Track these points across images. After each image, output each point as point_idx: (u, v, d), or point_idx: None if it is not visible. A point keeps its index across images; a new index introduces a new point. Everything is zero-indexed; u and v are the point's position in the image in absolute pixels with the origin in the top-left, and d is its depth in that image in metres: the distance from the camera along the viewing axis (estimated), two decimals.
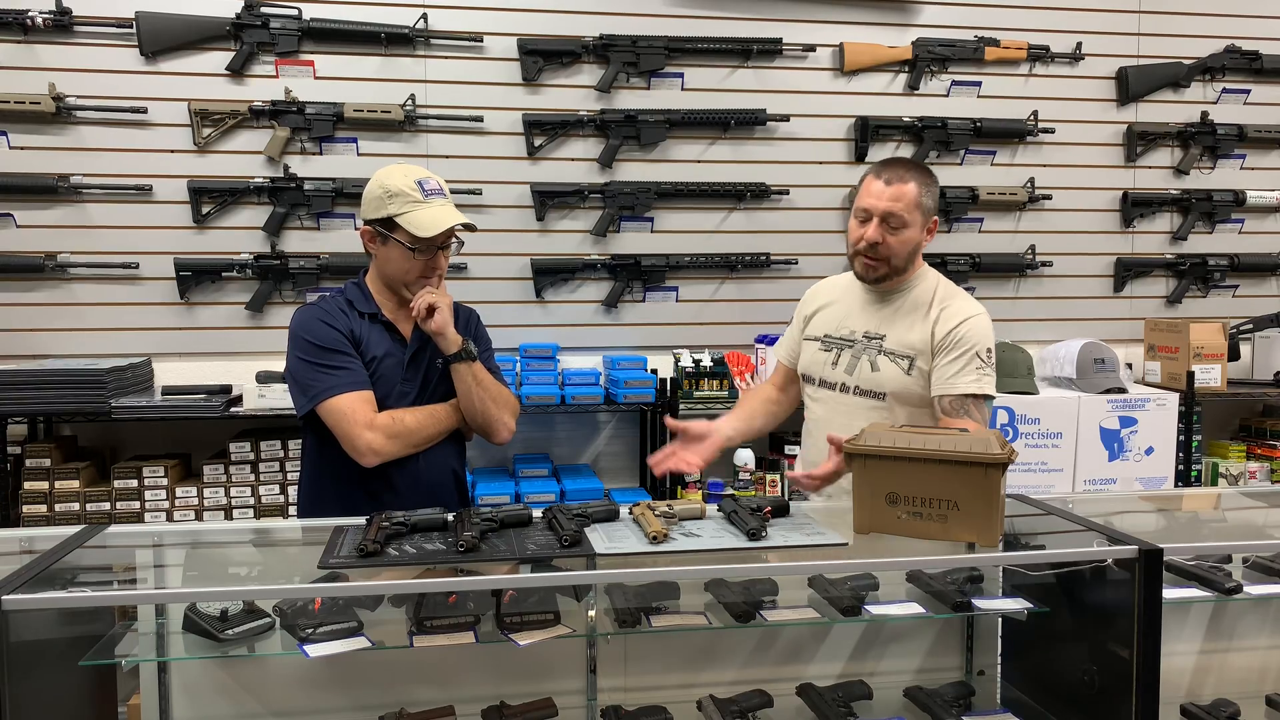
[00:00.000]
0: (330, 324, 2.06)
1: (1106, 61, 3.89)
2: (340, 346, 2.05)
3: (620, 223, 3.60)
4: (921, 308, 2.20)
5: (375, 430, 2.00)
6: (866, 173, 2.22)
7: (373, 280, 2.16)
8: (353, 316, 2.10)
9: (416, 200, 2.04)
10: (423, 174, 2.08)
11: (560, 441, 3.66)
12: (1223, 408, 3.97)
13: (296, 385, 2.07)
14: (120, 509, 3.10)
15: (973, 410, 2.09)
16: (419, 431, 2.07)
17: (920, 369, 2.16)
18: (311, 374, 2.04)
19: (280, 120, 3.35)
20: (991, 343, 2.15)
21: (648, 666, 1.89)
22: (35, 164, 3.24)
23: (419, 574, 1.59)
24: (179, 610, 1.63)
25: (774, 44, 3.62)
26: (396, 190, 2.03)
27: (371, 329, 2.11)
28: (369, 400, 2.04)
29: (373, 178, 2.09)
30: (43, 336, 3.30)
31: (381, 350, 2.10)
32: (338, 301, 2.13)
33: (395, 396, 2.09)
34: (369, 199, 2.07)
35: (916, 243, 2.18)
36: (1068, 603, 1.79)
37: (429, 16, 3.41)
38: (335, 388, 2.02)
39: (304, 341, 2.05)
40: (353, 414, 2.00)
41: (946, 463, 1.65)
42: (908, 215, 2.13)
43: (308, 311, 2.10)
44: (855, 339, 2.24)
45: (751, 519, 1.71)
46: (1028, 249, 3.83)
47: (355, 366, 2.05)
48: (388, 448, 2.02)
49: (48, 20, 3.18)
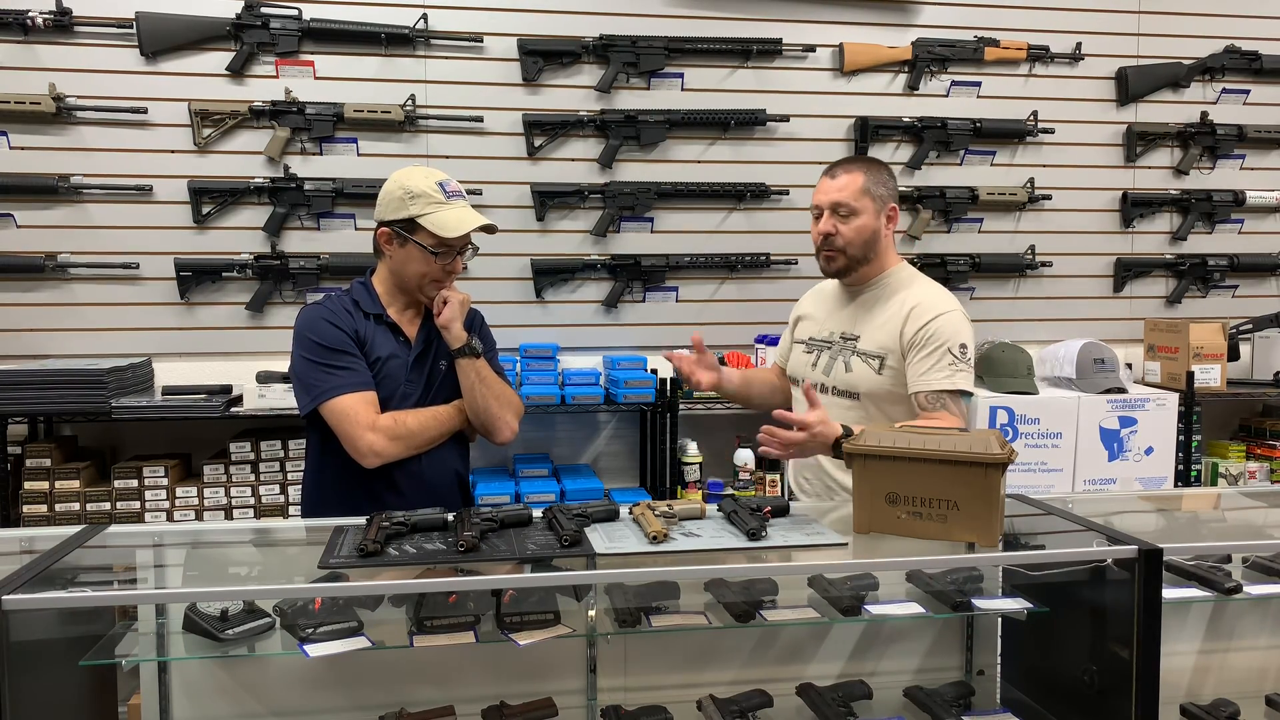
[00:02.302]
0: (335, 324, 2.06)
1: (1106, 61, 3.89)
2: (344, 346, 2.05)
3: (620, 223, 3.60)
4: (892, 305, 2.23)
5: (377, 432, 2.01)
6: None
7: (381, 281, 2.16)
8: (358, 317, 2.10)
9: (440, 201, 2.04)
10: (442, 176, 2.09)
11: (560, 441, 3.66)
12: (1222, 408, 3.97)
13: (300, 384, 2.08)
14: (120, 509, 3.10)
15: (949, 405, 2.11)
16: (421, 433, 2.07)
17: (891, 368, 2.19)
18: (315, 374, 2.04)
19: (280, 120, 3.35)
20: (966, 338, 2.16)
21: (648, 666, 1.89)
22: (35, 164, 3.24)
23: (419, 574, 1.59)
24: (179, 610, 1.63)
25: (774, 44, 3.62)
26: (419, 191, 2.04)
27: (377, 330, 2.11)
28: (372, 401, 2.04)
29: (391, 179, 2.09)
30: (43, 336, 3.30)
31: (386, 351, 2.10)
32: (343, 301, 2.13)
33: (399, 398, 2.09)
34: (388, 200, 2.07)
35: (873, 230, 2.23)
36: (1068, 603, 1.79)
37: (429, 17, 3.41)
38: (338, 388, 2.02)
39: (309, 341, 2.05)
40: (355, 415, 2.00)
41: (946, 463, 1.65)
42: (855, 202, 2.20)
43: (313, 310, 2.11)
44: (833, 340, 2.30)
45: (751, 519, 1.72)
46: (1027, 249, 3.83)
47: (359, 367, 2.05)
48: (390, 449, 2.02)
49: (48, 20, 3.18)
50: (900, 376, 2.18)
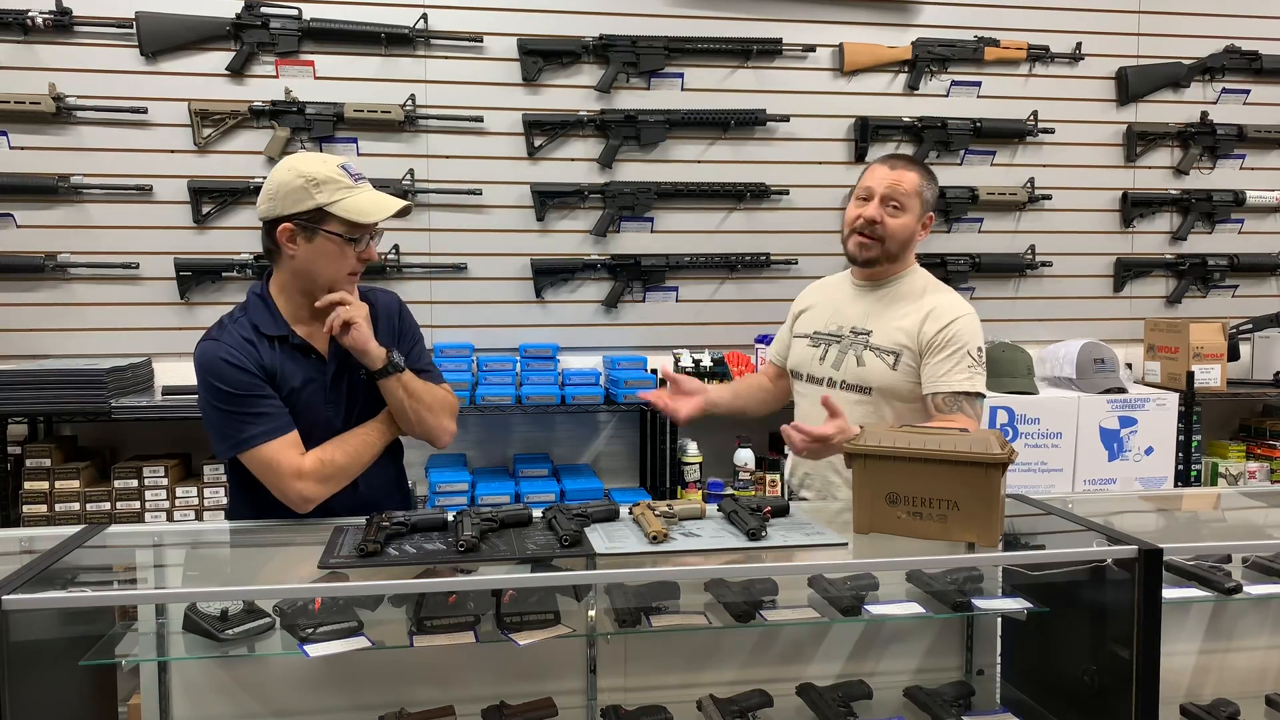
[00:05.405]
0: (238, 365, 1.84)
1: (1106, 61, 3.89)
2: (253, 390, 1.84)
3: (620, 223, 3.60)
4: (910, 302, 2.23)
5: (304, 479, 1.84)
6: (870, 164, 2.30)
7: (282, 289, 1.92)
8: (262, 346, 1.88)
9: (348, 186, 1.84)
10: (342, 159, 1.90)
11: (560, 441, 3.66)
12: (1222, 408, 3.97)
13: (214, 431, 1.88)
14: (120, 509, 3.10)
15: (966, 407, 2.11)
16: (352, 466, 1.91)
17: (906, 365, 2.18)
18: (227, 423, 1.85)
19: (280, 120, 3.35)
20: (981, 341, 2.18)
21: (648, 666, 1.89)
22: (35, 164, 3.24)
23: (419, 574, 1.59)
24: (179, 610, 1.63)
25: (774, 44, 3.62)
26: (324, 177, 1.82)
27: (285, 356, 1.90)
28: (294, 443, 1.86)
29: (280, 168, 1.85)
30: (43, 336, 3.30)
31: (299, 379, 1.90)
32: (242, 328, 1.89)
33: (321, 426, 1.91)
34: (284, 192, 1.82)
35: (912, 232, 2.24)
36: (1067, 602, 1.79)
37: (429, 17, 3.41)
38: (254, 438, 1.83)
39: (214, 388, 1.84)
40: (278, 465, 1.83)
41: (946, 463, 1.65)
42: (907, 200, 2.20)
43: (211, 349, 1.86)
44: (843, 334, 2.28)
45: (751, 519, 1.71)
46: (1028, 249, 3.83)
47: (273, 409, 1.86)
48: (320, 491, 1.86)
49: (48, 20, 3.18)
50: (913, 374, 2.17)
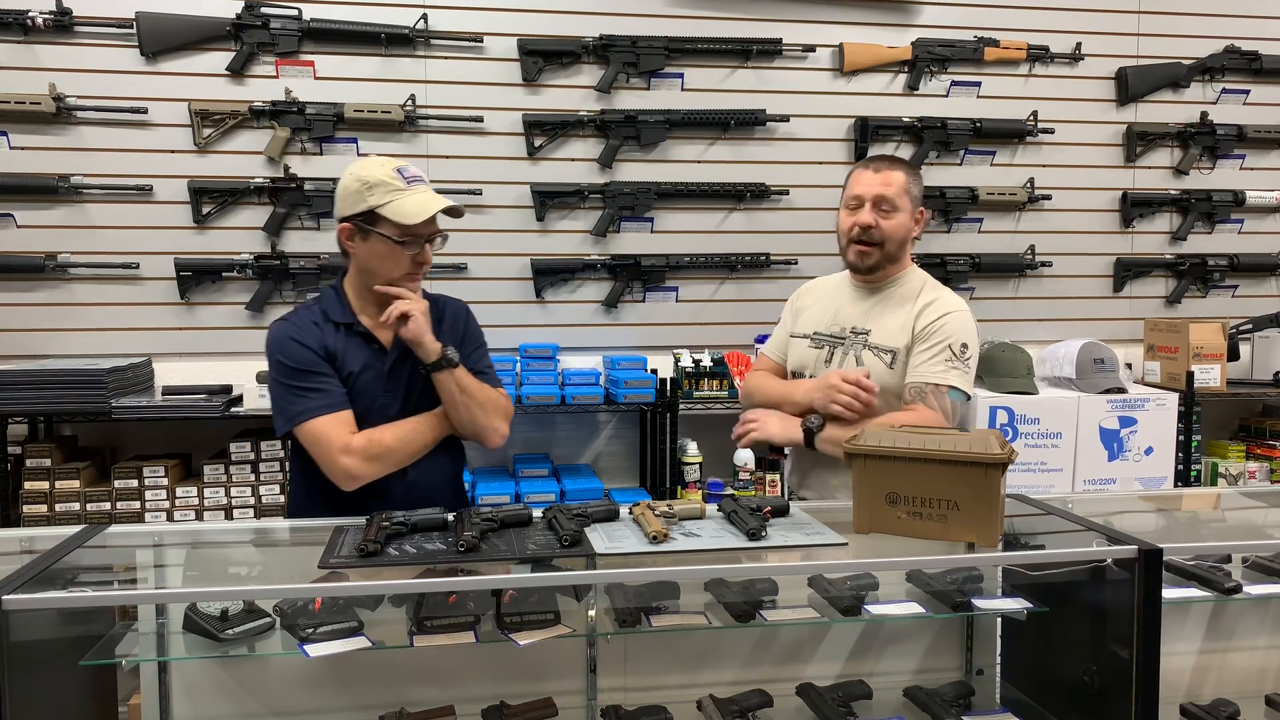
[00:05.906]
0: (303, 342, 1.96)
1: (1106, 62, 3.89)
2: (314, 366, 1.95)
3: (620, 223, 3.60)
4: (907, 302, 2.24)
5: (351, 455, 1.91)
6: (853, 169, 2.31)
7: (351, 284, 2.05)
8: (327, 330, 2.00)
9: (399, 189, 1.93)
10: (400, 161, 1.98)
11: (560, 441, 3.66)
12: (1222, 408, 3.97)
13: (275, 406, 1.99)
14: (120, 509, 3.10)
15: (929, 397, 2.11)
16: (400, 449, 1.97)
17: (903, 363, 2.20)
18: (286, 396, 1.96)
19: (280, 120, 3.35)
20: (969, 338, 2.18)
21: (648, 666, 1.90)
22: (35, 164, 3.24)
23: (419, 574, 1.59)
24: (179, 610, 1.63)
25: (774, 44, 3.62)
26: (376, 180, 1.93)
27: (348, 341, 2.01)
28: (346, 421, 1.94)
29: (346, 172, 1.99)
30: (43, 336, 3.30)
31: (359, 364, 2.00)
32: (312, 314, 2.03)
33: (377, 411, 1.99)
34: (345, 194, 1.97)
35: (907, 229, 2.25)
36: (1067, 602, 1.79)
37: (429, 17, 3.41)
38: (309, 411, 1.93)
39: (278, 362, 1.96)
40: (327, 439, 1.92)
41: (946, 463, 1.65)
42: (898, 200, 2.21)
43: (281, 328, 2.00)
44: (844, 335, 2.29)
45: (751, 519, 1.71)
46: (1027, 249, 3.83)
47: (330, 386, 1.96)
48: (366, 470, 1.93)
49: (48, 20, 3.18)
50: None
